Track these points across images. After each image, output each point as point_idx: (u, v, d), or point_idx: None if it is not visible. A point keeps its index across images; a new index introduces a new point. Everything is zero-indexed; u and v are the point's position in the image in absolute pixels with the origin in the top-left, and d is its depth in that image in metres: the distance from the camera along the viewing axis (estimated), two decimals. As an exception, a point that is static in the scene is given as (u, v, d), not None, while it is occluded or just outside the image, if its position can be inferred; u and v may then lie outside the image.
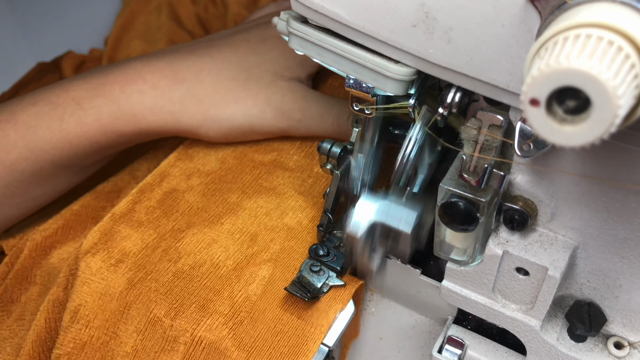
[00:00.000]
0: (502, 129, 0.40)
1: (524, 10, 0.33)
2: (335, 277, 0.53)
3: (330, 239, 0.55)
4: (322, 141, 0.52)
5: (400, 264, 0.52)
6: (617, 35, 0.26)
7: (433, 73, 0.39)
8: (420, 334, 0.55)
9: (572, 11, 0.29)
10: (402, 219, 0.48)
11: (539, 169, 0.41)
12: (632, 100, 0.26)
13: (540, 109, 0.26)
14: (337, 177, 0.53)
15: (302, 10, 0.42)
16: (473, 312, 0.49)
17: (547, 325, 0.47)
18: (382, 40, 0.39)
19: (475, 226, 0.43)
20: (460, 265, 0.47)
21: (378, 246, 0.50)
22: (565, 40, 0.26)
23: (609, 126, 0.25)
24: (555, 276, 0.43)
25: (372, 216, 0.48)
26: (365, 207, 0.49)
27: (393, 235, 0.49)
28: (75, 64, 0.90)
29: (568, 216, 0.42)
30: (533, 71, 0.26)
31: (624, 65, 0.25)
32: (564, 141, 0.27)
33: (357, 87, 0.45)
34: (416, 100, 0.44)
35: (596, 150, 0.38)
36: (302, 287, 0.52)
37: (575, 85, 0.25)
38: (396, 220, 0.48)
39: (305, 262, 0.53)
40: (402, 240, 0.49)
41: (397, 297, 0.56)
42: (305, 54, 0.44)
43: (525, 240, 0.44)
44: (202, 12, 0.95)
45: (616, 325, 0.46)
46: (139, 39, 0.92)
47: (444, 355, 0.50)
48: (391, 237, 0.49)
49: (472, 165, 0.41)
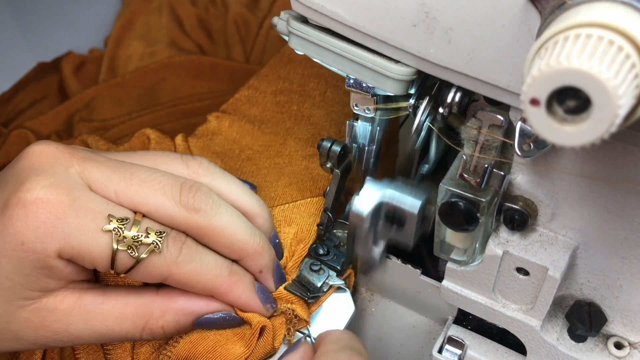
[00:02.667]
0: (503, 128, 0.40)
1: (524, 10, 0.33)
2: (335, 276, 0.53)
3: (330, 237, 0.55)
4: (322, 140, 0.52)
5: (401, 264, 0.52)
6: (618, 35, 0.26)
7: (433, 73, 0.39)
8: (420, 334, 0.55)
9: (572, 11, 0.29)
10: (409, 201, 0.48)
11: (539, 169, 0.41)
12: (632, 100, 0.26)
13: (541, 109, 0.26)
14: (337, 175, 0.53)
15: (302, 10, 0.42)
16: (473, 312, 0.49)
17: (547, 325, 0.47)
18: (382, 40, 0.39)
19: (475, 226, 0.43)
20: (461, 266, 0.47)
21: (382, 233, 0.50)
22: (565, 40, 0.26)
23: (610, 126, 0.25)
24: (555, 276, 0.42)
25: (379, 197, 0.48)
26: (371, 189, 0.48)
27: (398, 218, 0.48)
28: (75, 64, 0.90)
29: (568, 216, 0.42)
30: (533, 71, 0.26)
31: (624, 65, 0.25)
32: (564, 141, 0.27)
33: (357, 87, 0.45)
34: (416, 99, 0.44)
35: (596, 150, 0.38)
36: (302, 286, 0.52)
37: (576, 85, 0.25)
38: (403, 202, 0.48)
39: (305, 261, 0.53)
40: (408, 222, 0.48)
41: (397, 297, 0.56)
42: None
43: (525, 240, 0.44)
44: (202, 12, 0.96)
45: (616, 325, 0.46)
46: (139, 40, 0.92)
47: (444, 355, 0.50)
48: (396, 222, 0.49)
49: (473, 165, 0.41)
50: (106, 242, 0.41)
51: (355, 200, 0.48)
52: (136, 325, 0.44)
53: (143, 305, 0.45)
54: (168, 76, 0.88)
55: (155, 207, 0.43)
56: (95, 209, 0.42)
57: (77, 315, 0.43)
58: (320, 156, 0.53)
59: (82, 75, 0.90)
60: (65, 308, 0.43)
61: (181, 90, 0.87)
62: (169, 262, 0.43)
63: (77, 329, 0.43)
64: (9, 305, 0.41)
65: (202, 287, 0.45)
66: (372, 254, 0.51)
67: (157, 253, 0.42)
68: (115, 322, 0.44)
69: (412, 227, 0.48)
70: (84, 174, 0.43)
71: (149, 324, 0.45)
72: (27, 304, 0.42)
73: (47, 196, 0.40)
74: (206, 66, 0.89)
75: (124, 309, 0.44)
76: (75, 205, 0.41)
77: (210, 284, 0.45)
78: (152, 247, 0.42)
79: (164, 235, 0.43)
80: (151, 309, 0.45)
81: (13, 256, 0.40)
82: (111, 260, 0.42)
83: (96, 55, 0.92)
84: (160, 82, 0.87)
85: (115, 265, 0.42)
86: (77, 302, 0.43)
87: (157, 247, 0.42)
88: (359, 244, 0.50)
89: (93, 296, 0.44)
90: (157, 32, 0.94)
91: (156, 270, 0.43)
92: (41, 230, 0.40)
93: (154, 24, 0.95)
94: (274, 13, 0.93)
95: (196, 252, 0.45)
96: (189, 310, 0.46)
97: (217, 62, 0.89)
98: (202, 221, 0.44)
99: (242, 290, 0.47)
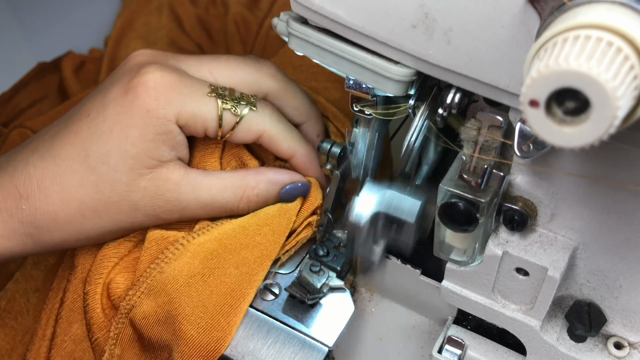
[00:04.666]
0: (502, 129, 0.40)
1: (524, 12, 0.33)
2: (335, 278, 0.53)
3: (330, 239, 0.55)
4: (322, 141, 0.53)
5: (400, 264, 0.52)
6: (617, 37, 0.26)
7: (433, 74, 0.39)
8: (420, 334, 0.55)
9: (572, 12, 0.29)
10: (406, 209, 0.48)
11: (538, 169, 0.41)
12: (631, 101, 0.26)
13: (540, 110, 0.26)
14: (337, 177, 0.53)
15: (302, 11, 0.42)
16: (473, 312, 0.49)
17: (547, 326, 0.47)
18: (381, 41, 0.39)
19: (475, 227, 0.43)
20: (460, 266, 0.47)
21: (380, 237, 0.50)
22: (564, 42, 0.26)
23: (608, 127, 0.25)
24: (555, 276, 0.43)
25: (375, 206, 0.48)
26: (368, 197, 0.48)
27: (396, 225, 0.48)
28: (75, 64, 0.90)
29: (568, 217, 0.42)
30: (532, 72, 0.26)
31: (623, 66, 0.25)
32: (564, 142, 0.27)
33: (357, 87, 0.45)
34: (416, 100, 0.44)
35: (596, 151, 0.38)
36: (302, 287, 0.52)
37: (575, 86, 0.25)
38: (400, 211, 0.48)
39: (305, 262, 0.53)
40: (405, 230, 0.48)
41: (397, 297, 0.56)
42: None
43: (525, 241, 0.44)
44: (202, 12, 0.95)
45: (616, 326, 0.46)
46: (139, 40, 0.92)
47: (444, 355, 0.50)
48: (394, 228, 0.49)
49: (472, 166, 0.41)
50: (213, 105, 0.50)
51: (353, 207, 0.48)
52: (235, 194, 0.52)
53: (239, 177, 0.53)
54: (168, 76, 0.88)
55: (242, 76, 0.54)
56: (198, 83, 0.51)
57: (186, 185, 0.51)
58: (320, 157, 0.53)
59: (82, 75, 0.90)
60: (176, 178, 0.51)
61: (181, 90, 0.87)
62: (265, 119, 0.52)
63: (186, 198, 0.51)
64: (132, 172, 0.49)
65: (287, 147, 0.54)
66: (371, 257, 0.52)
67: (254, 111, 0.52)
68: (217, 191, 0.52)
69: (409, 235, 0.49)
70: (180, 64, 0.53)
71: (246, 192, 0.53)
72: (146, 172, 0.50)
73: (161, 74, 0.49)
74: (206, 66, 0.89)
75: (224, 181, 0.52)
76: (183, 80, 0.50)
77: (294, 144, 0.54)
78: (250, 105, 0.52)
79: (256, 97, 0.53)
80: (247, 180, 0.53)
81: (139, 124, 0.48)
82: (219, 119, 0.50)
83: (96, 55, 0.92)
84: (160, 82, 0.87)
85: (222, 124, 0.51)
86: (185, 175, 0.51)
87: (253, 106, 0.52)
88: (358, 250, 0.51)
89: (197, 172, 0.52)
90: (157, 32, 0.94)
91: (255, 125, 0.52)
92: (162, 98, 0.48)
93: (154, 24, 0.95)
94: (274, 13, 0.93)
95: (284, 119, 0.55)
96: (277, 180, 0.54)
97: (217, 62, 0.89)
98: (280, 84, 0.55)
99: (313, 155, 0.56)
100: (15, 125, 0.80)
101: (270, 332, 0.51)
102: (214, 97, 0.50)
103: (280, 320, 0.51)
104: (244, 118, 0.51)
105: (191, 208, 0.52)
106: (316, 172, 0.56)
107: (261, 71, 0.54)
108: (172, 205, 0.51)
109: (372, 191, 0.48)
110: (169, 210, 0.51)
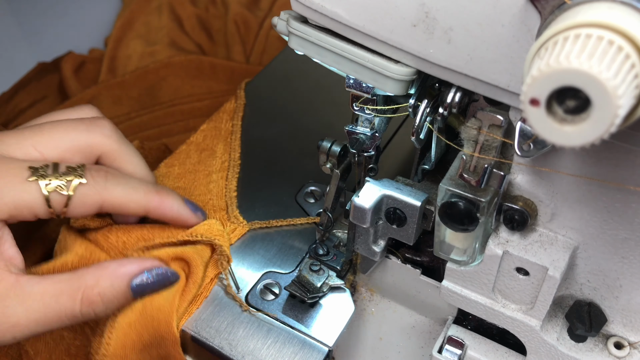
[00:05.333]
0: (502, 129, 0.40)
1: (524, 10, 0.33)
2: (335, 277, 0.53)
3: (330, 238, 0.55)
4: (321, 140, 0.52)
5: (400, 264, 0.52)
6: (617, 35, 0.26)
7: (433, 73, 0.39)
8: (420, 334, 0.55)
9: (572, 11, 0.29)
10: (410, 198, 0.47)
11: (539, 169, 0.41)
12: (632, 100, 0.26)
13: (540, 109, 0.26)
14: (336, 175, 0.52)
15: (302, 10, 0.42)
16: (473, 312, 0.49)
17: (547, 325, 0.47)
18: (382, 40, 0.39)
19: (475, 226, 0.43)
20: (461, 265, 0.47)
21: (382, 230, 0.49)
22: (565, 40, 0.26)
23: (609, 126, 0.25)
24: (555, 276, 0.43)
25: (382, 190, 0.47)
26: (373, 185, 0.48)
27: (400, 211, 0.48)
28: (75, 64, 0.90)
29: (568, 216, 0.42)
30: (533, 71, 0.26)
31: (624, 65, 0.25)
32: (564, 141, 0.27)
33: (357, 87, 0.45)
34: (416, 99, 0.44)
35: (596, 150, 0.38)
36: (302, 286, 0.52)
37: (575, 85, 0.25)
38: (404, 198, 0.47)
39: (305, 261, 0.53)
40: (410, 216, 0.48)
41: (397, 297, 0.56)
42: None
43: (525, 240, 0.44)
44: (202, 12, 0.96)
45: (616, 325, 0.46)
46: (139, 40, 0.92)
47: (444, 355, 0.50)
48: (397, 217, 0.48)
49: (472, 165, 0.41)
50: (35, 189, 0.45)
51: (356, 196, 0.47)
52: (73, 298, 0.45)
53: (77, 277, 0.46)
54: (168, 76, 0.88)
55: (71, 143, 0.49)
56: (15, 167, 0.45)
57: (14, 297, 0.44)
58: (320, 156, 0.53)
59: (82, 75, 0.90)
60: (2, 290, 0.44)
61: (181, 90, 0.87)
62: (98, 189, 0.47)
63: (14, 312, 0.44)
64: None
65: (136, 205, 0.49)
66: (372, 251, 0.51)
67: (84, 184, 0.46)
68: (51, 298, 0.45)
69: (413, 221, 0.48)
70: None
71: (85, 293, 0.45)
72: None
73: None
74: (206, 66, 0.89)
75: (59, 284, 0.45)
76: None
77: (142, 201, 0.49)
78: (77, 180, 0.46)
79: (84, 168, 0.47)
80: (85, 278, 0.46)
81: None
82: (46, 202, 0.45)
83: (96, 55, 0.92)
84: (159, 82, 0.87)
85: (51, 205, 0.45)
86: (15, 284, 0.44)
87: (81, 178, 0.46)
88: (360, 240, 0.50)
89: (29, 278, 0.45)
90: (157, 32, 0.94)
91: (89, 198, 0.47)
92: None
93: (154, 24, 0.95)
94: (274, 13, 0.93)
95: (121, 176, 0.49)
96: (121, 272, 0.47)
97: (217, 62, 0.89)
98: (114, 145, 0.50)
99: (172, 202, 0.51)
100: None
101: (270, 332, 0.51)
102: (35, 180, 0.45)
103: (280, 320, 0.51)
104: (74, 195, 0.46)
105: (22, 325, 0.44)
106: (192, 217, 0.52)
107: (94, 132, 0.49)
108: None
109: (375, 186, 0.48)
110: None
